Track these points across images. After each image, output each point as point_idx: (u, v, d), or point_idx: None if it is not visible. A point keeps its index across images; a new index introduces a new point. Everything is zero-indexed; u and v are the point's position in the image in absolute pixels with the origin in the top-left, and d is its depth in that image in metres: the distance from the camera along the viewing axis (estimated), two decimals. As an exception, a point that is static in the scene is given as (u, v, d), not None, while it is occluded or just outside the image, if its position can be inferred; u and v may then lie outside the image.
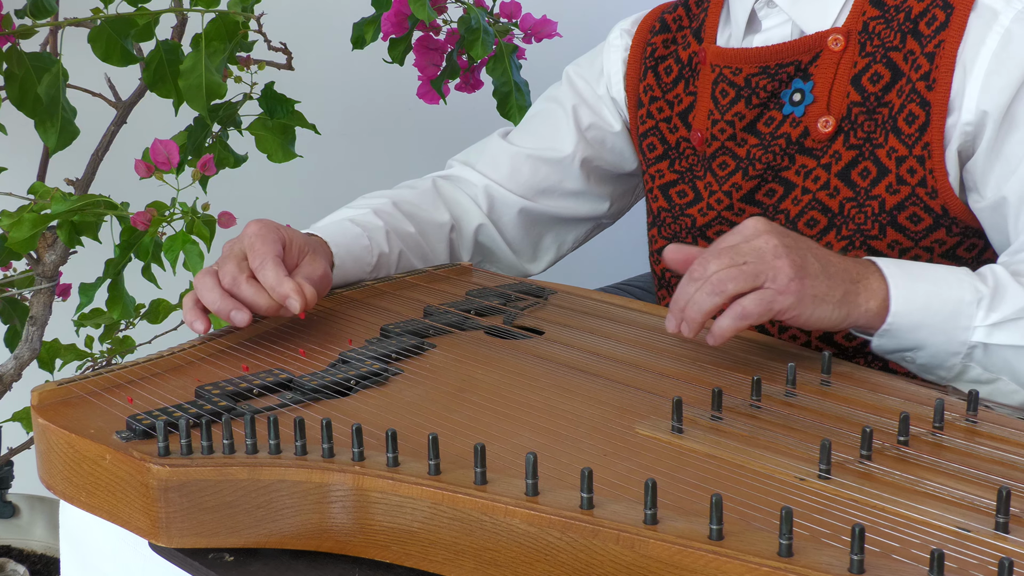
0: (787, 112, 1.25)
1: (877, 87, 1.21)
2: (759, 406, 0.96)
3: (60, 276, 1.54)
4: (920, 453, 0.86)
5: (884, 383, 1.01)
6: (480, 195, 1.46)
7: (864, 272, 1.06)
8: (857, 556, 0.68)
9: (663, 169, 1.39)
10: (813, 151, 1.25)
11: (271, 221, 1.14)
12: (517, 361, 1.07)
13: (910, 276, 1.07)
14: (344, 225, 1.30)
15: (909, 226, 1.20)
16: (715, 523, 0.72)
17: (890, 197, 1.20)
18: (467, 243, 1.46)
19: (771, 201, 1.28)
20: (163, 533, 0.85)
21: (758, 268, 1.00)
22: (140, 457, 0.85)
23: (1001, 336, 1.05)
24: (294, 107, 1.60)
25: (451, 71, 1.65)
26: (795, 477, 0.82)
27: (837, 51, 1.22)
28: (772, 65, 1.26)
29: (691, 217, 1.35)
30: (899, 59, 1.20)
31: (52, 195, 1.39)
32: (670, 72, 1.39)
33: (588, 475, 0.76)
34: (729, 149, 1.30)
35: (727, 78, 1.29)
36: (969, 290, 1.06)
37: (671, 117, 1.38)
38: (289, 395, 0.98)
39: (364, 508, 0.82)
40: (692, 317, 1.01)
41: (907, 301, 1.05)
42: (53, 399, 0.98)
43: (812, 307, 1.02)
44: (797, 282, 1.00)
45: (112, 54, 1.46)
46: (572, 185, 1.47)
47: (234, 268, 1.09)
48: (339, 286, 1.28)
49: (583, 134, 1.46)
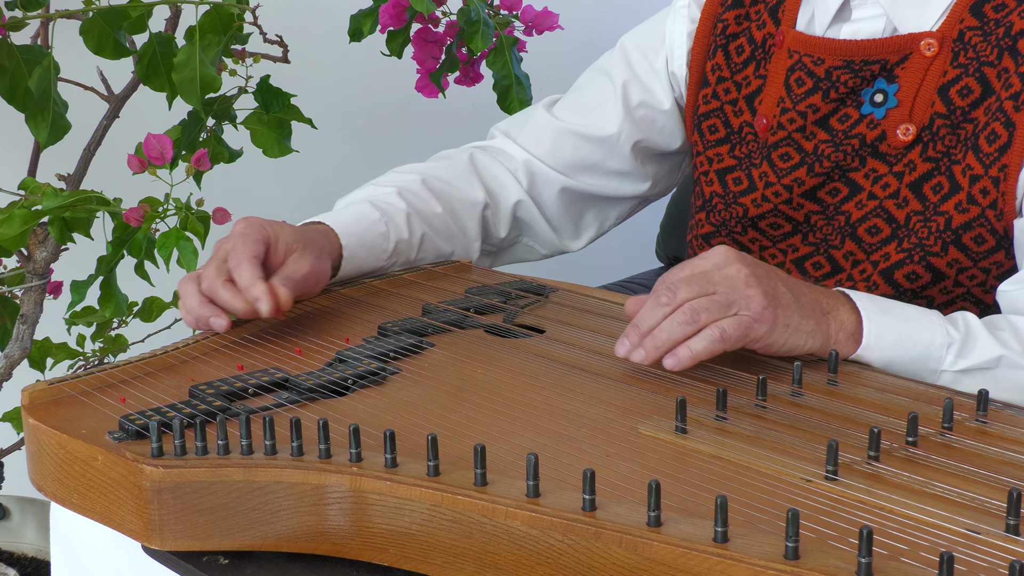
0: (866, 112, 1.22)
1: (965, 101, 1.17)
2: (764, 406, 0.96)
3: (51, 273, 1.54)
4: (929, 454, 0.86)
5: (892, 383, 1.01)
6: (520, 170, 1.43)
7: (834, 304, 1.06)
8: (865, 559, 0.68)
9: (723, 153, 1.36)
10: (887, 157, 1.22)
11: (257, 219, 1.14)
12: (518, 360, 1.07)
13: (883, 311, 1.06)
14: (362, 209, 1.28)
15: (972, 246, 1.18)
16: (720, 525, 0.72)
17: (958, 215, 1.18)
18: (505, 218, 1.43)
19: (833, 200, 1.26)
20: (156, 535, 0.85)
21: (730, 297, 1.00)
22: (133, 458, 0.85)
23: (969, 383, 1.05)
24: (290, 101, 1.60)
25: (450, 64, 1.65)
26: (801, 478, 0.82)
27: (929, 56, 1.19)
28: (857, 60, 1.22)
29: (743, 207, 1.33)
30: (992, 76, 1.16)
31: (43, 191, 1.39)
32: (741, 52, 1.34)
33: (590, 476, 0.76)
34: (795, 141, 1.27)
35: (806, 67, 1.25)
36: (940, 333, 1.06)
37: (737, 100, 1.34)
38: (285, 395, 0.98)
39: (362, 510, 0.82)
40: (657, 344, 1.00)
41: (880, 337, 1.05)
42: (44, 399, 0.97)
43: (785, 336, 1.02)
44: (771, 311, 1.00)
45: (104, 47, 1.46)
46: (616, 164, 1.44)
47: (213, 272, 1.10)
48: (355, 276, 1.28)
49: (631, 113, 1.42)
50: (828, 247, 1.28)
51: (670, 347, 1.00)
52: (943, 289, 1.22)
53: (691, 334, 0.99)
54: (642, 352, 1.01)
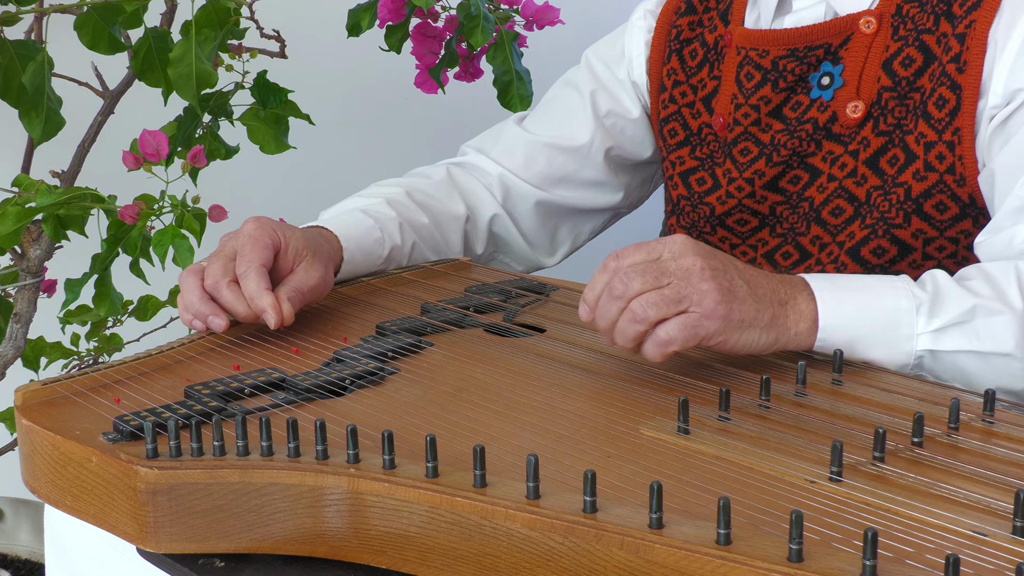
0: (815, 96, 1.25)
1: (909, 71, 1.20)
2: (768, 406, 0.96)
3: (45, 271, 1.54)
4: (935, 455, 0.86)
5: (898, 382, 1.01)
6: (495, 184, 1.45)
7: (793, 292, 1.04)
8: (870, 561, 0.68)
9: (684, 156, 1.39)
10: (841, 137, 1.24)
11: (269, 221, 1.14)
12: (518, 360, 1.07)
13: (839, 288, 1.05)
14: (356, 216, 1.30)
15: (935, 215, 1.19)
16: (723, 527, 0.72)
17: (917, 184, 1.19)
18: (481, 234, 1.46)
19: (795, 188, 1.28)
20: (151, 538, 0.85)
21: (682, 292, 0.98)
22: (127, 459, 0.85)
23: (948, 342, 1.03)
24: (287, 97, 1.60)
25: (450, 59, 1.65)
26: (806, 480, 0.82)
27: (869, 34, 1.22)
28: (801, 48, 1.25)
29: (709, 206, 1.35)
30: (932, 42, 1.19)
31: (37, 188, 1.39)
32: (695, 56, 1.38)
33: (591, 477, 0.76)
34: (752, 135, 1.30)
35: (753, 61, 1.29)
36: (905, 297, 1.04)
37: (694, 102, 1.38)
38: (282, 395, 0.98)
39: (359, 512, 0.82)
40: (622, 344, 1.00)
41: (836, 314, 1.03)
42: (38, 399, 0.97)
43: (739, 333, 1.00)
44: (724, 306, 0.99)
45: (99, 42, 1.46)
46: (589, 174, 1.47)
47: (218, 270, 1.11)
48: (349, 280, 1.28)
49: (601, 122, 1.45)
50: (795, 235, 1.30)
51: (631, 347, 1.00)
52: (912, 263, 1.22)
53: (644, 331, 0.99)
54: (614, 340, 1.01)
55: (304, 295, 1.14)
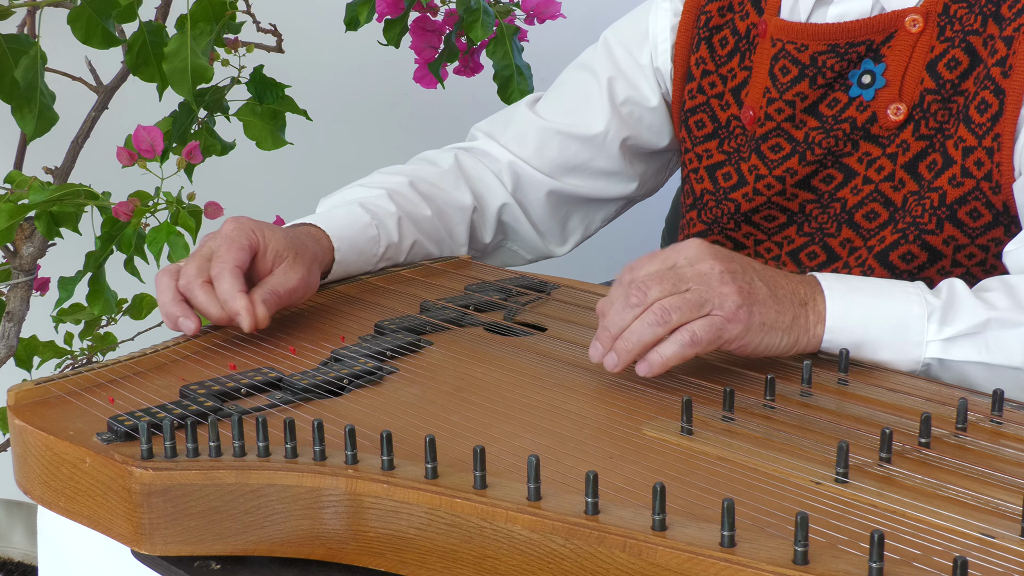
0: (854, 95, 1.23)
1: (954, 74, 1.18)
2: (773, 406, 0.95)
3: (38, 269, 1.54)
4: (942, 455, 0.86)
5: (904, 382, 1.01)
6: (505, 172, 1.43)
7: (811, 292, 1.04)
8: (876, 564, 0.68)
9: (711, 149, 1.36)
10: (879, 139, 1.22)
11: (249, 221, 1.13)
12: (518, 359, 1.07)
13: (850, 289, 1.04)
14: (352, 212, 1.28)
15: (968, 222, 1.18)
16: (727, 529, 0.72)
17: (952, 190, 1.18)
18: (490, 222, 1.44)
19: (828, 188, 1.26)
20: (146, 540, 0.85)
21: (703, 296, 0.98)
22: (122, 460, 0.85)
23: (957, 352, 1.03)
24: (284, 92, 1.60)
25: (449, 54, 1.65)
26: (811, 481, 0.82)
27: (914, 33, 1.19)
28: (842, 44, 1.22)
29: (735, 202, 1.33)
30: (978, 44, 1.17)
31: (30, 184, 1.39)
32: (725, 44, 1.35)
33: (593, 479, 0.76)
34: (785, 131, 1.28)
35: (790, 54, 1.26)
36: (918, 303, 1.04)
37: (723, 93, 1.35)
38: (279, 395, 0.98)
39: (357, 514, 0.82)
40: (627, 348, 0.97)
41: (844, 316, 1.03)
42: (30, 399, 0.97)
43: (760, 335, 1.00)
44: (745, 309, 0.98)
45: (93, 36, 1.46)
46: (602, 164, 1.44)
47: (192, 271, 1.10)
48: (341, 279, 1.28)
49: (617, 110, 1.42)
50: (824, 236, 1.28)
51: (640, 350, 0.98)
52: (941, 269, 1.22)
53: (662, 336, 0.97)
54: (614, 357, 0.98)
55: (281, 297, 1.12)
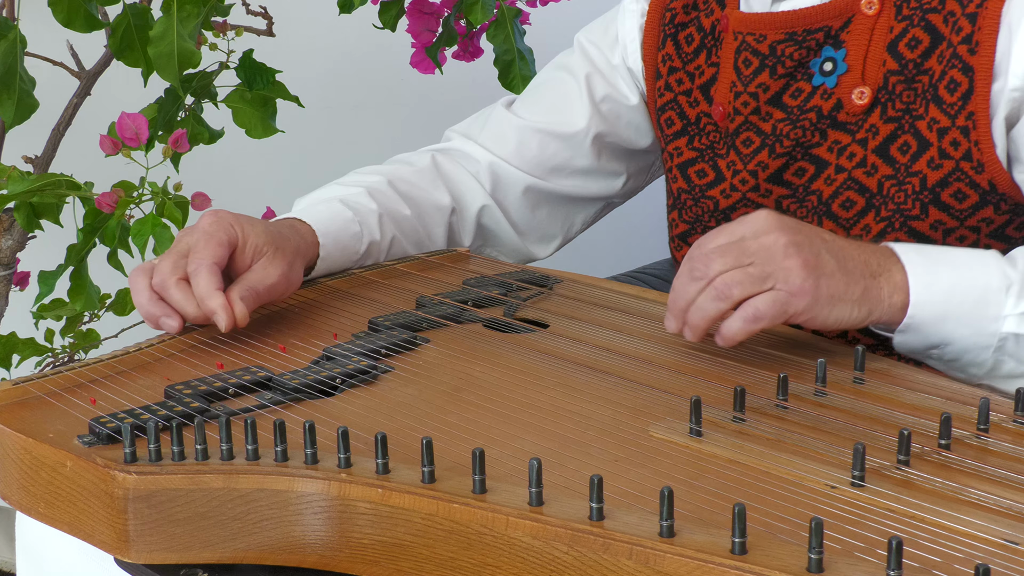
0: (817, 83, 1.25)
1: (916, 53, 1.20)
2: (786, 406, 0.95)
3: (17, 263, 1.54)
4: (963, 458, 0.86)
5: (923, 381, 1.01)
6: (483, 173, 1.45)
7: (885, 264, 1.06)
8: (894, 572, 0.68)
9: (681, 146, 1.39)
10: (847, 125, 1.24)
11: (227, 214, 1.14)
12: (519, 357, 1.07)
13: (931, 261, 1.07)
14: (334, 207, 1.29)
15: (954, 204, 1.19)
16: (738, 535, 0.72)
17: (932, 173, 1.19)
18: (469, 226, 1.45)
19: (801, 181, 1.28)
20: (130, 548, 0.85)
21: (766, 270, 1.01)
22: (104, 464, 0.85)
23: None
24: (275, 77, 1.60)
25: (448, 38, 1.65)
26: (826, 485, 0.82)
27: (871, 15, 1.22)
28: (799, 31, 1.25)
29: (713, 199, 1.35)
30: (938, 21, 1.19)
31: (8, 174, 1.39)
32: (691, 41, 1.38)
33: (598, 483, 0.76)
34: (753, 124, 1.30)
35: (750, 46, 1.29)
36: (997, 275, 1.06)
37: (691, 90, 1.38)
38: (268, 395, 0.98)
39: (351, 520, 0.82)
40: (696, 324, 1.03)
41: (928, 290, 1.05)
42: (9, 400, 0.97)
43: (829, 308, 1.02)
44: (811, 282, 1.01)
45: (75, 19, 1.45)
46: (584, 162, 1.47)
47: (167, 268, 1.10)
48: (323, 276, 1.28)
49: (597, 107, 1.45)
50: None
51: (705, 326, 1.03)
52: None
53: (725, 310, 1.01)
54: (688, 332, 1.04)
55: (260, 294, 1.13)
